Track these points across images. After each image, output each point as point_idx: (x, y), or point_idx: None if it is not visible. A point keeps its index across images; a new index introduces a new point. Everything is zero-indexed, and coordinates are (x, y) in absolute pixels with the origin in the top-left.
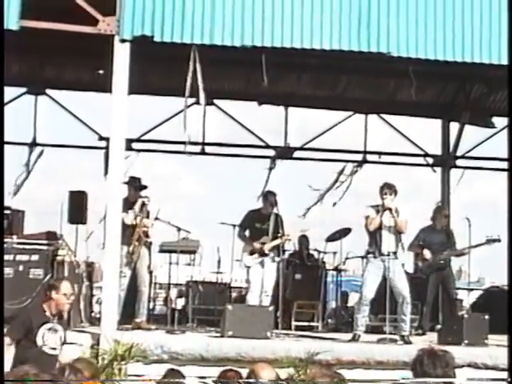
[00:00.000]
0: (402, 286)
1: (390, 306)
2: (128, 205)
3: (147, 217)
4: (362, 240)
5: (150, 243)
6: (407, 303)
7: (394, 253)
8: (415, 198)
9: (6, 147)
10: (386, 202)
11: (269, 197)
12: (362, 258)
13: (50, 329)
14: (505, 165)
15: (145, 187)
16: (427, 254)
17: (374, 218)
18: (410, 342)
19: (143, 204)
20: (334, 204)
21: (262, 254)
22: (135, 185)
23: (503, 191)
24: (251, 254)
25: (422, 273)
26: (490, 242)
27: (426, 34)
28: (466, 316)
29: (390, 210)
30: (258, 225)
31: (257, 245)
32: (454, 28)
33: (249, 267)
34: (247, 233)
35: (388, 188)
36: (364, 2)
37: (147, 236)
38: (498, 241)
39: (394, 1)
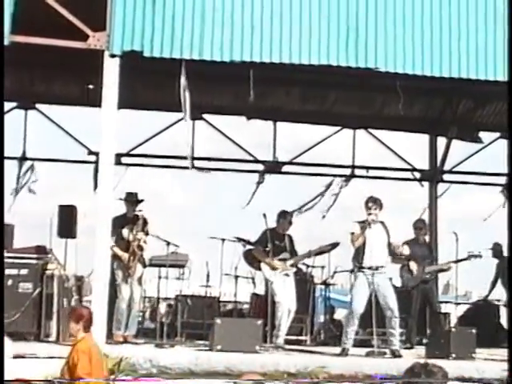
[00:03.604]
0: (390, 300)
1: (377, 319)
2: (126, 220)
3: (142, 230)
4: (350, 254)
5: (142, 256)
6: (395, 317)
7: (382, 267)
8: (402, 213)
9: None
10: (370, 217)
11: (286, 216)
12: (351, 272)
13: None
14: (492, 179)
15: (141, 201)
16: (414, 266)
17: (359, 234)
18: (400, 356)
19: (140, 219)
20: (324, 217)
21: (284, 269)
22: (132, 200)
23: (490, 205)
24: (273, 269)
25: (407, 285)
26: (471, 257)
27: (414, 49)
28: (453, 330)
29: (381, 223)
30: (277, 242)
31: (278, 261)
32: (441, 44)
33: (272, 282)
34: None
35: (373, 202)
36: (352, 18)
37: (141, 250)
38: (480, 257)
39: (381, 17)
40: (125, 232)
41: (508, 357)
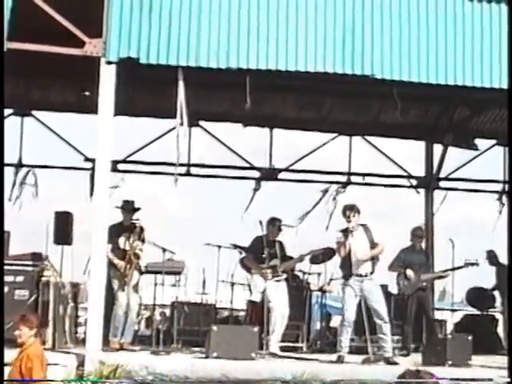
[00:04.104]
0: (379, 306)
1: (370, 326)
2: (123, 228)
3: (139, 238)
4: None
5: (138, 264)
6: (385, 323)
7: (371, 273)
8: (399, 220)
9: None
10: (350, 225)
11: (275, 223)
12: (342, 279)
13: None
14: (488, 186)
15: (138, 209)
16: (410, 273)
17: (342, 244)
18: (394, 363)
19: (136, 227)
20: (327, 227)
21: (275, 276)
22: (128, 208)
23: (486, 212)
24: (264, 277)
25: (404, 293)
26: (468, 265)
27: (410, 56)
28: (449, 337)
29: (363, 226)
30: (268, 249)
31: (268, 268)
32: (437, 51)
33: (264, 290)
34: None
35: (350, 209)
36: (348, 25)
37: (138, 258)
38: (477, 265)
39: (378, 24)
40: (121, 241)
41: (508, 364)
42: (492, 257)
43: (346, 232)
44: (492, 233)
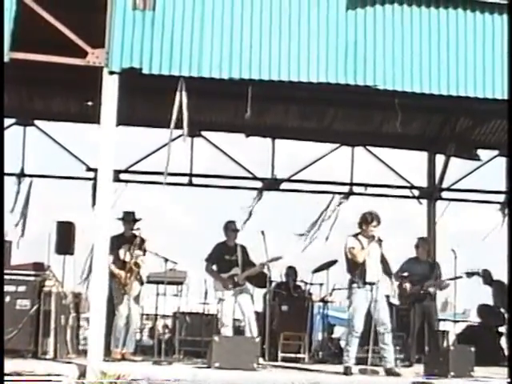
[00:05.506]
0: (384, 315)
1: (374, 336)
2: (124, 239)
3: (140, 249)
4: (344, 269)
5: (139, 273)
6: (388, 332)
7: (378, 281)
8: (401, 230)
9: None
10: (373, 232)
11: (229, 226)
12: (349, 287)
13: None
14: (490, 197)
15: (138, 220)
16: (407, 285)
17: (362, 249)
18: (396, 374)
19: (137, 237)
20: (327, 238)
21: (236, 285)
22: (129, 219)
23: (489, 223)
24: (224, 287)
25: (404, 303)
26: (469, 275)
27: (412, 67)
28: (451, 348)
29: (377, 238)
30: (228, 257)
31: (228, 277)
32: (439, 62)
33: (223, 300)
34: (215, 266)
35: (377, 218)
36: (351, 36)
37: (138, 267)
38: (477, 274)
39: (380, 35)
40: (121, 252)
41: (508, 374)
42: (487, 276)
43: (358, 237)
44: (493, 243)
